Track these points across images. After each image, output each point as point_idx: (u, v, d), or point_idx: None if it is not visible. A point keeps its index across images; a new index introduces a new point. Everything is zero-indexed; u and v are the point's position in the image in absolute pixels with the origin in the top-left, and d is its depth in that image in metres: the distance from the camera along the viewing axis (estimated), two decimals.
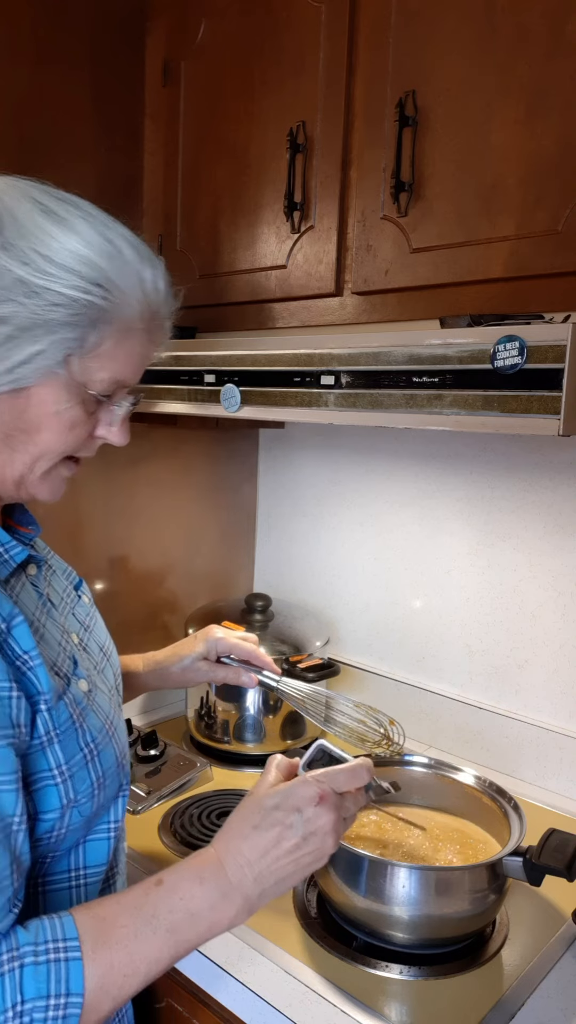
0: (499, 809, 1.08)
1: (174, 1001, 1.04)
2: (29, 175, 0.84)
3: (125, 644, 1.66)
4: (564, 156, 0.93)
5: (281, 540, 1.84)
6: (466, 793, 1.14)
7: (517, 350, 0.83)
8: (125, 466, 1.60)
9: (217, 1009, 0.97)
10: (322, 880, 1.03)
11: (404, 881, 0.94)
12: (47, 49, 1.34)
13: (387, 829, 1.13)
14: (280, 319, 1.30)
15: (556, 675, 1.39)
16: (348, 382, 1.00)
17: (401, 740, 1.01)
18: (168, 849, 1.17)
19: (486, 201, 1.01)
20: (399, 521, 1.59)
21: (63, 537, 1.51)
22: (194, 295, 1.42)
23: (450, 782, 1.16)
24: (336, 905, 1.02)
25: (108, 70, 1.42)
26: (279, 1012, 0.87)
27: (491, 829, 1.11)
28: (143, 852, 1.16)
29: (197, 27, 1.35)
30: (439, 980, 0.94)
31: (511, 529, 1.42)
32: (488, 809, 1.11)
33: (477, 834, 1.12)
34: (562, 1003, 0.91)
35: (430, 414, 0.92)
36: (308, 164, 1.20)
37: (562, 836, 0.98)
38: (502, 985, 0.93)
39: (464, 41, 1.01)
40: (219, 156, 1.34)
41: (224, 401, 1.16)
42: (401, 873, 0.95)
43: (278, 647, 1.47)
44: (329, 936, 1.00)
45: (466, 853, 1.07)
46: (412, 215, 1.08)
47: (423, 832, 1.11)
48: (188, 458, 1.71)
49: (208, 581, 1.81)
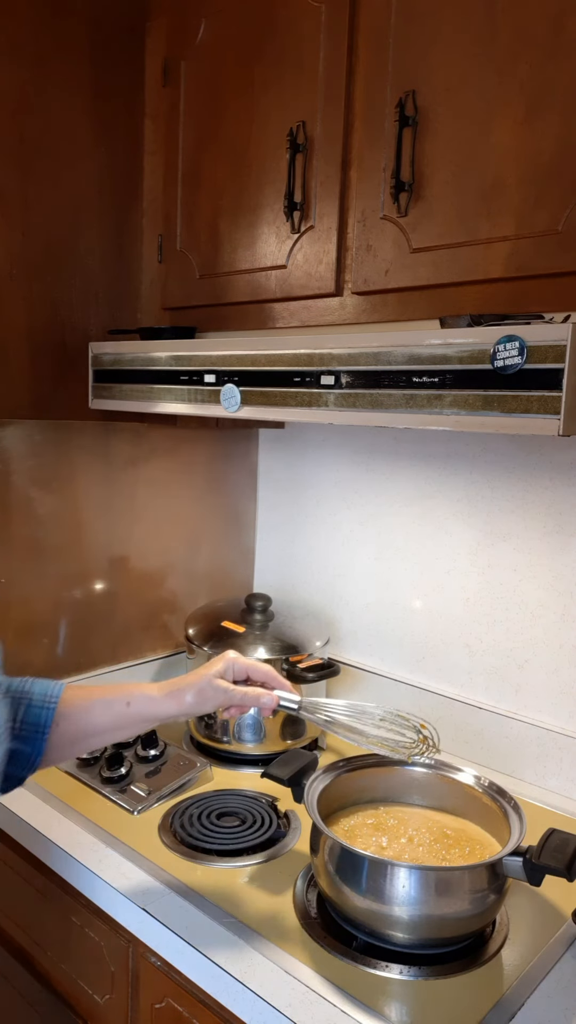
0: (499, 809, 1.08)
1: (174, 1001, 1.04)
2: (29, 175, 0.84)
3: (126, 644, 1.67)
4: (564, 156, 0.93)
5: (281, 540, 1.84)
6: (466, 793, 1.14)
7: (517, 350, 0.83)
8: (125, 466, 1.60)
9: (217, 1009, 0.97)
10: (322, 880, 1.03)
11: (404, 881, 0.94)
12: (47, 49, 1.34)
13: (388, 827, 1.13)
14: (280, 319, 1.30)
15: (556, 675, 1.39)
16: (348, 382, 1.00)
17: (437, 740, 1.02)
18: (168, 849, 1.17)
19: (486, 201, 1.01)
20: (399, 521, 1.59)
21: (63, 537, 1.51)
22: (194, 295, 1.42)
23: (450, 782, 1.16)
24: (336, 905, 1.02)
25: (108, 70, 1.42)
26: (279, 1012, 0.87)
27: (491, 829, 1.12)
28: (143, 852, 1.16)
29: (197, 27, 1.35)
30: (439, 980, 0.94)
31: (511, 529, 1.42)
32: (488, 809, 1.11)
33: (477, 834, 1.12)
34: (562, 1003, 0.91)
35: (430, 414, 0.92)
36: (308, 164, 1.20)
37: (562, 836, 0.98)
38: (502, 985, 0.93)
39: (464, 41, 1.01)
40: (219, 156, 1.34)
41: (224, 401, 1.16)
42: (401, 873, 0.95)
43: (278, 647, 1.47)
44: (329, 936, 1.00)
45: (466, 853, 1.08)
46: (412, 215, 1.08)
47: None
48: (188, 458, 1.71)
49: (208, 581, 1.81)
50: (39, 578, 1.49)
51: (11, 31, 1.29)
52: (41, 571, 1.49)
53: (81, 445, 1.51)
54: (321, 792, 1.09)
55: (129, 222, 1.50)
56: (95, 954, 1.16)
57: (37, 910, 1.27)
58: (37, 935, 1.29)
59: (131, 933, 1.07)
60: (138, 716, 0.99)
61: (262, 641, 1.48)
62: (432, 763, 1.18)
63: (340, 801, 1.17)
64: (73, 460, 1.51)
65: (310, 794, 1.08)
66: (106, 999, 1.16)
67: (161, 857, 1.15)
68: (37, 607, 1.50)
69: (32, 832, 1.21)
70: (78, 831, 1.20)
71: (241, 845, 1.18)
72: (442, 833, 1.12)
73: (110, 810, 1.27)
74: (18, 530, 1.44)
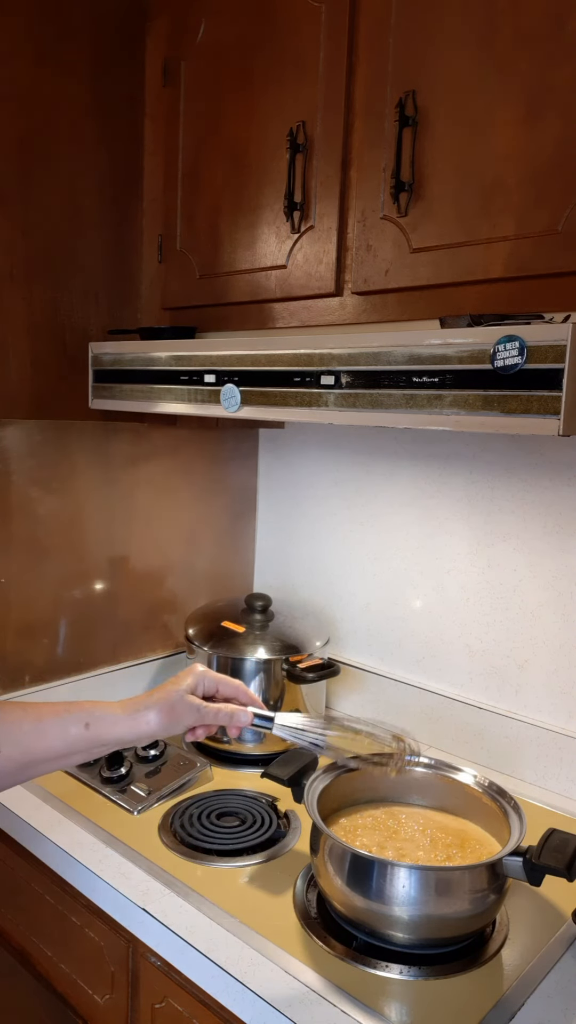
0: (499, 809, 1.08)
1: (174, 1001, 1.04)
2: (29, 175, 0.84)
3: (126, 644, 1.67)
4: (564, 156, 0.93)
5: (281, 540, 1.84)
6: (466, 793, 1.15)
7: (517, 350, 0.83)
8: (125, 466, 1.60)
9: (217, 1009, 0.97)
10: (322, 880, 1.03)
11: (404, 881, 0.94)
12: (47, 49, 1.34)
13: (388, 828, 1.13)
14: (280, 319, 1.30)
15: (556, 675, 1.39)
16: (348, 382, 1.00)
17: (416, 747, 1.02)
18: (168, 849, 1.17)
19: (486, 201, 1.01)
20: (399, 521, 1.59)
21: (63, 537, 1.51)
22: (194, 295, 1.42)
23: (450, 782, 1.16)
24: (336, 905, 1.02)
25: (108, 70, 1.42)
26: (279, 1012, 0.88)
27: (491, 829, 1.12)
28: (143, 852, 1.16)
29: (197, 27, 1.35)
30: (439, 980, 0.94)
31: (511, 529, 1.42)
32: (488, 809, 1.11)
33: (477, 834, 1.12)
34: (562, 1003, 0.91)
35: (430, 414, 0.92)
36: (308, 164, 1.20)
37: (562, 836, 0.98)
38: (502, 985, 0.93)
39: (464, 41, 1.01)
40: (219, 156, 1.34)
41: (224, 401, 1.16)
42: (401, 873, 0.95)
43: (278, 647, 1.47)
44: (329, 936, 1.00)
45: (466, 853, 1.08)
46: (412, 215, 1.08)
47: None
48: (188, 458, 1.71)
49: (208, 581, 1.81)
50: (39, 578, 1.49)
51: (11, 31, 1.29)
52: (41, 571, 1.49)
53: (81, 445, 1.51)
54: (321, 792, 1.09)
55: (129, 222, 1.50)
56: (95, 954, 1.16)
57: (37, 910, 1.27)
58: (37, 935, 1.29)
59: (131, 933, 1.07)
60: (97, 740, 0.87)
61: (262, 641, 1.48)
62: (432, 763, 1.18)
63: (340, 801, 1.17)
64: (73, 460, 1.51)
65: (310, 794, 1.08)
66: (106, 999, 1.16)
67: (161, 857, 1.15)
68: (37, 607, 1.50)
69: (32, 832, 1.21)
70: (78, 831, 1.20)
71: (241, 845, 1.18)
72: (442, 833, 1.12)
73: (110, 810, 1.27)
74: (18, 530, 1.44)
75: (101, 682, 1.59)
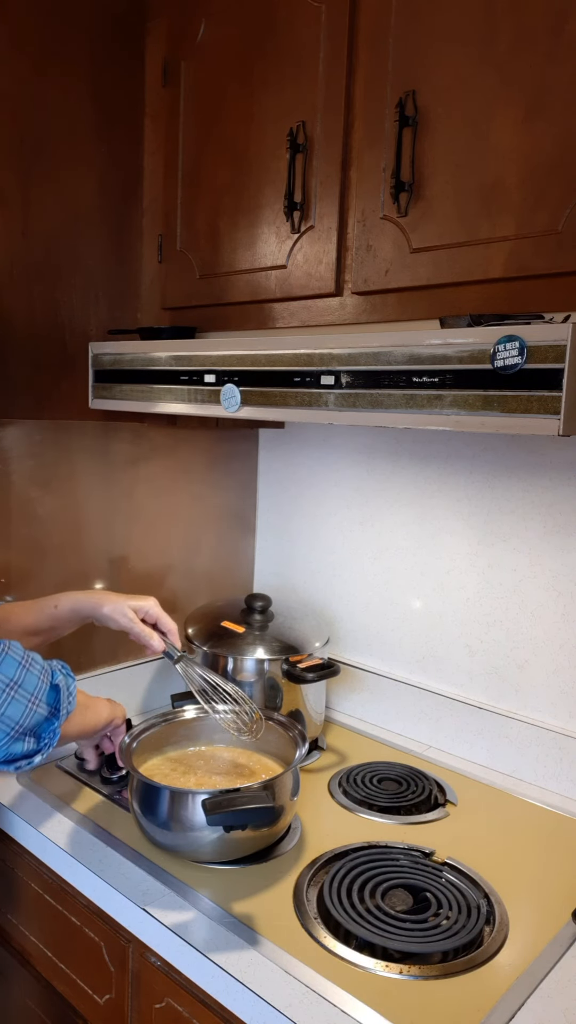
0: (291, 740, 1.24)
1: (174, 1001, 1.04)
2: (29, 175, 0.84)
3: (126, 644, 1.66)
4: (564, 156, 0.93)
5: (281, 540, 1.84)
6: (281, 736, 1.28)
7: (517, 350, 0.83)
8: (125, 466, 1.60)
9: (217, 1009, 0.97)
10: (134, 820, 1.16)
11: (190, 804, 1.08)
12: (47, 49, 1.34)
13: (191, 765, 1.27)
14: (280, 319, 1.30)
15: (556, 675, 1.39)
16: (348, 382, 1.00)
17: (259, 728, 1.25)
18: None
19: (486, 201, 1.01)
20: (399, 521, 1.59)
21: (63, 537, 1.51)
22: (194, 295, 1.43)
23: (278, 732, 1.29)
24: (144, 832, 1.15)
25: (108, 70, 1.42)
26: (279, 1012, 0.88)
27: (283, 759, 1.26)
28: (143, 852, 1.16)
29: (197, 27, 1.35)
30: (439, 980, 0.94)
31: (511, 529, 1.42)
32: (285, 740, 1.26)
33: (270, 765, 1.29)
34: (562, 1003, 0.91)
35: (430, 414, 0.92)
36: (308, 164, 1.20)
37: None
38: (502, 985, 0.93)
39: (464, 41, 1.01)
40: (219, 156, 1.34)
41: (224, 401, 1.16)
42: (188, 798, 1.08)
43: (278, 647, 1.47)
44: (329, 936, 1.00)
45: (244, 780, 1.23)
46: (412, 215, 1.08)
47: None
48: (188, 458, 1.71)
49: (208, 581, 1.81)
50: (39, 578, 1.49)
51: (11, 31, 1.29)
52: (41, 571, 1.49)
53: (81, 445, 1.52)
54: (137, 744, 1.25)
55: (129, 222, 1.50)
56: (95, 954, 1.16)
57: (37, 910, 1.27)
58: (37, 935, 1.29)
59: (131, 933, 1.07)
60: (66, 615, 1.23)
61: (262, 641, 1.48)
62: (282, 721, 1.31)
63: (156, 745, 1.31)
64: (73, 460, 1.51)
65: (125, 747, 1.22)
66: (106, 999, 1.16)
67: (161, 857, 1.15)
68: None
69: (32, 832, 1.21)
70: (78, 831, 1.20)
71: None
72: (236, 765, 1.28)
73: (110, 810, 1.27)
74: (18, 530, 1.44)
75: (101, 682, 1.59)
